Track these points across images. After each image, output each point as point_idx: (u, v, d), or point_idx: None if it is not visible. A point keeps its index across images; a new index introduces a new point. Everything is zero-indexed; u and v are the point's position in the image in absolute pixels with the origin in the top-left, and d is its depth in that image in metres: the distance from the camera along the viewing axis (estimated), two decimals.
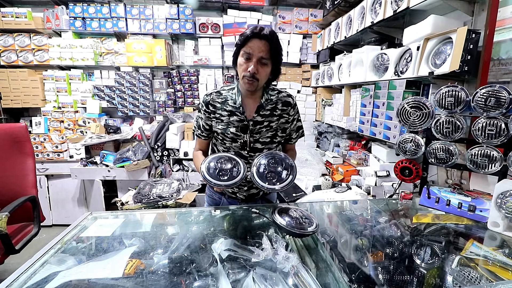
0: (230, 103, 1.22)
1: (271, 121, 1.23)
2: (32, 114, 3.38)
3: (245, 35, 1.08)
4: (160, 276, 0.85)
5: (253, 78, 1.10)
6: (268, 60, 1.11)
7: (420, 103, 1.32)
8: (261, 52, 1.08)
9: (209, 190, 1.43)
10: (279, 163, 1.09)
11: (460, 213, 1.23)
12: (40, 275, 0.85)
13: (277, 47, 1.12)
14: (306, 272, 0.85)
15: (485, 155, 1.16)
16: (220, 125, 1.23)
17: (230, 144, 1.24)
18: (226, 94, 1.23)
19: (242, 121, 1.20)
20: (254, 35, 1.07)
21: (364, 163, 2.29)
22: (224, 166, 1.07)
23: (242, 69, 1.11)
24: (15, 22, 3.10)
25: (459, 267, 0.91)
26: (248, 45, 1.08)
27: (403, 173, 1.46)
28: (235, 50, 1.15)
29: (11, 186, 1.81)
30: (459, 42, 1.30)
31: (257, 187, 1.31)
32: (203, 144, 1.35)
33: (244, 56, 1.10)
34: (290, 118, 1.28)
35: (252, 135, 1.22)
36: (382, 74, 1.92)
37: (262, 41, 1.08)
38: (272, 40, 1.09)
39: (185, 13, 3.25)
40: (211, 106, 1.23)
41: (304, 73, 3.52)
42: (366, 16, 2.08)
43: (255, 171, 1.07)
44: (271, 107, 1.23)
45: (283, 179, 1.06)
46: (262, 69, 1.11)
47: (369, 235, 1.16)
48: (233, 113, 1.21)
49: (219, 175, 1.05)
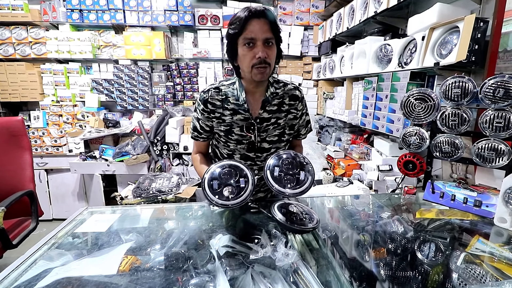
0: (231, 100, 1.08)
1: (278, 118, 1.13)
2: (31, 108, 3.35)
3: (241, 20, 0.94)
4: (156, 273, 0.83)
5: (265, 64, 0.97)
6: (273, 39, 0.99)
7: (425, 95, 1.28)
8: (265, 33, 0.95)
9: None
10: (293, 163, 0.98)
11: (466, 208, 1.20)
12: (33, 271, 0.83)
13: (276, 23, 0.99)
14: (306, 269, 0.83)
15: (493, 148, 1.12)
16: (222, 126, 1.11)
17: (235, 146, 1.13)
18: (226, 90, 1.09)
19: (247, 120, 1.09)
20: (252, 16, 0.94)
21: (366, 157, 2.25)
22: (229, 181, 0.95)
23: (249, 58, 0.98)
24: (11, 14, 3.05)
25: (464, 264, 0.88)
26: (248, 30, 0.95)
27: (406, 167, 1.42)
28: (230, 42, 1.00)
29: (8, 181, 1.79)
30: (467, 31, 1.24)
31: (266, 190, 1.25)
32: (202, 147, 1.23)
33: (246, 42, 0.96)
34: (298, 114, 1.17)
35: (259, 134, 1.11)
36: (385, 66, 1.87)
37: (262, 19, 0.95)
38: (270, 16, 0.97)
39: (184, 4, 3.19)
40: (210, 105, 1.09)
41: (305, 65, 3.46)
42: (369, 6, 2.02)
43: (269, 175, 0.96)
44: (277, 101, 1.12)
45: (302, 181, 0.96)
46: (270, 51, 0.99)
47: (371, 230, 1.13)
48: (236, 111, 1.08)
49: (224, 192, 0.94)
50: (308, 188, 0.97)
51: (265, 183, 1.12)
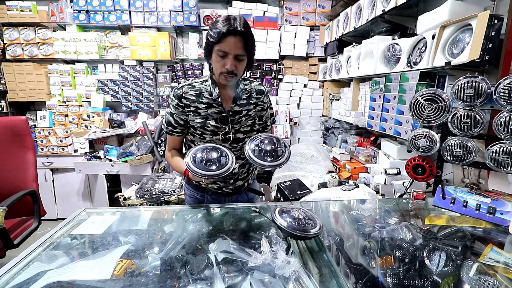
0: (206, 95, 1.18)
1: (249, 110, 1.24)
2: (38, 108, 3.38)
3: (219, 32, 1.02)
4: (150, 278, 0.80)
5: (232, 74, 1.09)
6: (244, 56, 1.09)
7: (436, 96, 1.22)
8: (237, 49, 1.06)
9: (188, 189, 1.35)
10: (270, 142, 1.09)
11: (478, 215, 1.14)
12: (27, 273, 0.81)
13: (251, 41, 1.09)
14: (308, 277, 0.78)
15: (508, 152, 1.06)
16: (198, 119, 1.18)
17: (211, 138, 1.20)
18: (199, 86, 1.19)
19: (221, 113, 1.19)
20: (229, 33, 1.02)
21: (373, 160, 2.19)
22: (211, 156, 1.04)
23: (219, 66, 1.09)
24: (20, 15, 3.09)
25: (477, 275, 0.83)
26: (222, 43, 1.04)
27: (415, 171, 1.36)
28: (207, 43, 1.09)
29: (12, 180, 1.79)
30: (480, 28, 1.19)
31: (243, 178, 1.32)
32: (176, 142, 1.28)
33: (220, 54, 1.07)
34: (265, 106, 1.30)
35: (233, 126, 1.21)
36: (393, 66, 1.81)
37: (237, 37, 1.04)
38: (246, 34, 1.06)
39: (189, 5, 3.19)
40: (184, 100, 1.17)
41: (311, 66, 3.41)
42: (377, 5, 1.97)
43: (250, 152, 1.06)
44: (246, 96, 1.24)
45: (279, 156, 1.07)
46: (239, 65, 1.10)
47: (377, 237, 1.08)
48: (210, 105, 1.18)
49: (207, 166, 1.01)
50: (286, 161, 1.07)
51: (242, 171, 1.29)
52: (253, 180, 1.40)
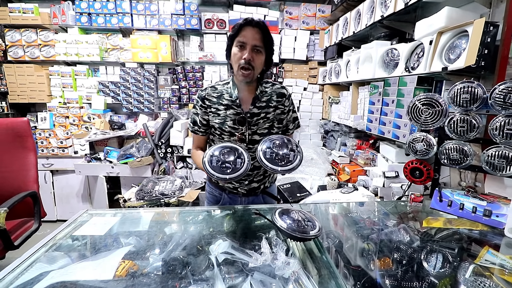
0: (226, 97, 1.23)
1: (267, 113, 1.25)
2: (38, 110, 3.40)
3: (238, 25, 1.12)
4: (152, 279, 0.81)
5: (249, 65, 1.12)
6: (262, 48, 1.14)
7: (433, 100, 1.24)
8: (255, 40, 1.12)
9: (209, 186, 1.41)
10: (283, 145, 1.09)
11: (475, 218, 1.15)
12: (30, 274, 0.82)
13: (269, 35, 1.15)
14: (308, 278, 0.80)
15: (503, 156, 1.08)
16: (217, 119, 1.23)
17: (228, 139, 1.24)
18: (221, 88, 1.25)
19: (239, 114, 1.21)
20: (247, 23, 1.11)
21: (371, 163, 2.21)
22: (227, 158, 1.04)
23: (237, 58, 1.13)
24: (22, 17, 3.11)
25: (473, 277, 0.85)
26: (241, 34, 1.11)
27: (413, 174, 1.38)
28: (228, 42, 1.17)
29: (12, 181, 1.80)
30: (476, 35, 1.21)
31: (259, 180, 1.32)
32: (201, 141, 1.33)
33: (238, 45, 1.13)
34: (285, 109, 1.30)
35: (250, 127, 1.22)
36: (392, 71, 1.84)
37: (255, 29, 1.11)
38: (264, 28, 1.13)
39: (190, 8, 3.22)
40: (206, 101, 1.24)
41: (311, 70, 3.44)
42: (376, 10, 2.00)
43: (261, 155, 1.05)
44: (266, 98, 1.25)
45: (291, 161, 1.05)
46: (256, 57, 1.14)
47: (376, 239, 1.10)
48: (229, 106, 1.22)
49: (223, 167, 1.02)
50: (297, 166, 1.05)
51: (257, 173, 1.29)
52: (270, 183, 1.40)
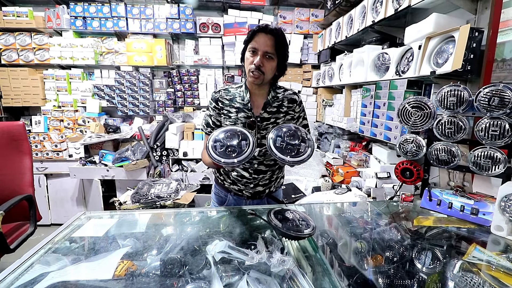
0: (238, 100, 1.24)
1: (277, 118, 1.25)
2: (32, 113, 3.37)
3: (252, 31, 1.14)
4: (151, 278, 0.83)
5: (259, 71, 1.13)
6: (274, 54, 1.14)
7: (422, 103, 1.29)
8: (267, 47, 1.12)
9: (215, 187, 1.42)
10: (295, 135, 1.06)
11: (463, 216, 1.20)
12: (29, 275, 0.83)
13: (282, 42, 1.15)
14: (302, 276, 0.82)
15: (489, 156, 1.13)
16: (228, 121, 1.24)
17: None
18: (234, 91, 1.26)
19: (249, 118, 1.22)
20: (260, 30, 1.12)
21: (364, 165, 2.25)
22: (231, 142, 1.02)
23: (249, 63, 1.15)
24: (16, 21, 3.10)
25: (461, 272, 0.88)
26: (254, 40, 1.13)
27: (404, 174, 1.42)
28: (244, 47, 1.19)
29: (8, 185, 1.79)
30: (462, 40, 1.26)
31: (264, 185, 1.32)
32: None
33: (251, 50, 1.14)
34: (296, 115, 1.30)
35: (259, 132, 1.23)
36: (383, 74, 1.89)
37: (268, 35, 1.12)
38: (277, 35, 1.13)
39: (185, 12, 3.24)
40: (220, 103, 1.25)
41: (304, 73, 3.49)
42: (367, 16, 2.06)
43: (271, 143, 1.03)
44: (277, 104, 1.25)
45: (301, 152, 1.03)
46: (267, 63, 1.14)
47: (368, 238, 1.13)
48: (240, 109, 1.23)
49: (228, 152, 1.00)
50: (308, 158, 1.02)
51: (263, 177, 1.29)
52: (276, 188, 1.40)
